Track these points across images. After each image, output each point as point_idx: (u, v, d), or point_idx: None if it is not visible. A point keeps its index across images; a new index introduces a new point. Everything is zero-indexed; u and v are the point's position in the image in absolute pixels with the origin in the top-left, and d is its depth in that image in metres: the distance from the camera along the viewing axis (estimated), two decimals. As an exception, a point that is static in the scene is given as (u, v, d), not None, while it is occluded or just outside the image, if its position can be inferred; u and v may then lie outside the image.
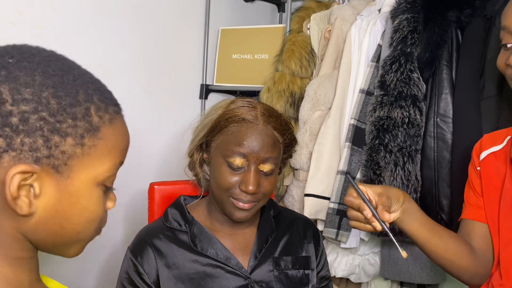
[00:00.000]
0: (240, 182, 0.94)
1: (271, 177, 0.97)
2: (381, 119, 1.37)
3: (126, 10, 1.67)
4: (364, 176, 1.41)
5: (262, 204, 1.00)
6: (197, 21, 1.96)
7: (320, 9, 1.75)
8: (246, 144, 0.93)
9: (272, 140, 0.96)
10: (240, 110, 0.97)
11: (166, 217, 1.04)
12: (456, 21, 1.34)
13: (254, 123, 0.95)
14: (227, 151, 0.95)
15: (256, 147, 0.94)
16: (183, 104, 1.93)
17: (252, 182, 0.93)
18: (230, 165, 0.94)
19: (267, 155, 0.95)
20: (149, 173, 1.79)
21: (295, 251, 1.06)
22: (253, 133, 0.94)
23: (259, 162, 0.95)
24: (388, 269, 1.46)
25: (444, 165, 1.33)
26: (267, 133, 0.95)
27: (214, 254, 0.98)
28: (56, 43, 1.46)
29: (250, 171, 0.94)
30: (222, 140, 0.96)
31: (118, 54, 1.65)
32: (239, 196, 0.95)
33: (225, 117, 0.96)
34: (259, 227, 1.05)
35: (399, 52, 1.37)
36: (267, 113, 0.98)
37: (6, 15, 1.34)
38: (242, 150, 0.93)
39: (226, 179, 0.94)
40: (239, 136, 0.94)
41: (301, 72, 1.66)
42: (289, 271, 1.02)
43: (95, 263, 1.66)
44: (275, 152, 0.97)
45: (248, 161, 0.94)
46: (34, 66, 0.51)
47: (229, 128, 0.96)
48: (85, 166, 0.53)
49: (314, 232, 1.12)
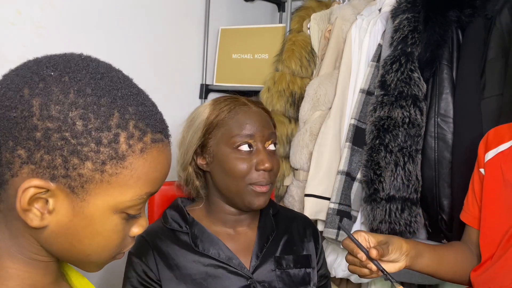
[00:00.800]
0: (256, 164, 0.95)
1: (276, 156, 1.00)
2: (381, 119, 1.37)
3: (126, 10, 1.66)
4: (365, 176, 1.41)
5: (272, 189, 1.01)
6: (197, 21, 1.96)
7: (320, 9, 1.75)
8: (249, 125, 0.96)
9: (267, 118, 1.01)
10: (228, 101, 1.00)
11: (166, 219, 1.03)
12: (457, 20, 1.34)
13: (248, 106, 0.99)
14: (232, 138, 0.95)
15: (259, 126, 0.96)
16: (183, 104, 1.93)
17: (267, 158, 0.95)
18: (239, 151, 0.95)
19: (269, 131, 0.98)
20: (149, 173, 1.79)
21: (296, 249, 1.05)
22: (251, 115, 0.97)
23: (265, 140, 0.97)
24: (388, 269, 1.45)
25: (445, 165, 1.33)
26: (261, 113, 1.00)
27: (216, 254, 0.97)
28: (56, 43, 1.46)
29: (260, 150, 0.96)
30: (223, 133, 0.97)
31: (118, 54, 1.65)
32: (258, 178, 0.95)
33: (216, 112, 0.98)
34: (259, 227, 1.05)
35: (399, 52, 1.36)
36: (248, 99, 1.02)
37: (6, 15, 1.34)
38: (248, 132, 0.95)
39: (240, 166, 0.95)
40: (240, 121, 0.96)
41: (301, 72, 1.66)
42: (291, 270, 1.02)
43: (95, 263, 1.66)
44: (273, 128, 1.01)
45: (255, 141, 0.96)
46: (72, 83, 0.51)
47: (225, 119, 0.97)
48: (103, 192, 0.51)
49: (313, 230, 1.12)
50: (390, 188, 1.36)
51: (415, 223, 1.36)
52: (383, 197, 1.37)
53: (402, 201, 1.35)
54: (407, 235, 1.36)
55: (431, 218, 1.38)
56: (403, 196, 1.35)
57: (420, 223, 1.38)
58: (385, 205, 1.36)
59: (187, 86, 1.95)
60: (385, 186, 1.36)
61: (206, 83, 1.99)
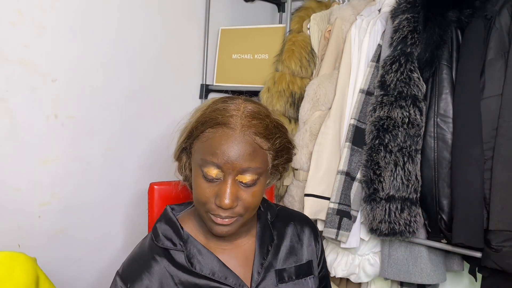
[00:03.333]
0: (215, 197, 0.84)
1: (253, 189, 0.85)
2: (381, 119, 1.37)
3: (126, 10, 1.67)
4: (364, 176, 1.41)
5: (247, 218, 0.88)
6: (197, 21, 1.96)
7: (320, 9, 1.75)
8: (220, 153, 0.82)
9: (252, 148, 0.84)
10: (217, 113, 0.85)
11: (157, 236, 0.94)
12: (456, 21, 1.34)
13: (231, 129, 0.83)
14: (201, 160, 0.84)
15: (232, 157, 0.82)
16: (183, 104, 1.93)
17: (227, 195, 0.82)
18: (205, 176, 0.84)
19: (245, 165, 0.83)
20: (149, 173, 1.79)
21: (296, 258, 1.00)
22: (228, 140, 0.83)
23: (236, 173, 0.83)
24: (388, 269, 1.46)
25: (444, 165, 1.33)
26: (245, 141, 0.83)
27: (210, 274, 0.90)
28: (56, 43, 1.46)
29: (226, 184, 0.83)
30: (198, 147, 0.86)
31: (118, 54, 1.65)
32: (216, 211, 0.84)
33: (202, 121, 0.86)
34: (258, 238, 0.97)
35: (399, 52, 1.37)
36: (250, 115, 0.86)
37: (6, 15, 1.34)
38: (216, 160, 0.82)
39: (201, 192, 0.85)
40: (213, 144, 0.83)
41: (301, 72, 1.66)
42: (293, 282, 0.97)
43: (95, 262, 1.66)
44: (256, 161, 0.84)
45: (224, 172, 0.83)
46: None
47: (205, 133, 0.85)
48: None
49: (312, 230, 1.06)
50: (389, 188, 1.36)
51: (414, 223, 1.36)
52: (382, 197, 1.37)
53: (402, 201, 1.35)
54: (406, 235, 1.36)
55: (431, 218, 1.38)
56: (403, 196, 1.35)
57: (419, 223, 1.38)
58: (385, 205, 1.36)
59: (187, 86, 1.96)
60: (385, 186, 1.36)
61: (206, 83, 2.00)
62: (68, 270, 1.57)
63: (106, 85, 1.63)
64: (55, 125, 1.49)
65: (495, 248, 1.24)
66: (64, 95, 1.50)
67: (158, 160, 1.83)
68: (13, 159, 1.40)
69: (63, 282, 1.56)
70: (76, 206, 1.58)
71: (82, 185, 1.59)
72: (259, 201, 0.89)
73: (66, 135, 1.52)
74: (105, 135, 1.64)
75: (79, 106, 1.55)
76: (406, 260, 1.44)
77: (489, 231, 1.26)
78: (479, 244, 1.27)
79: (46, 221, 1.50)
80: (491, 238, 1.25)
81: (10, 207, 1.41)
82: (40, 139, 1.46)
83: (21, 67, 1.39)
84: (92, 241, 1.64)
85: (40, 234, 1.49)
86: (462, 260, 1.44)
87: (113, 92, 1.65)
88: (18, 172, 1.42)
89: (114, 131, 1.67)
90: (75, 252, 1.59)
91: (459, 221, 1.28)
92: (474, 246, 1.28)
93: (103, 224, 1.67)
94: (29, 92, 1.42)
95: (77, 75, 1.54)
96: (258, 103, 0.91)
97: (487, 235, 1.27)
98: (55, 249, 1.53)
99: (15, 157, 1.40)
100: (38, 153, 1.46)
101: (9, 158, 1.39)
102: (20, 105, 1.40)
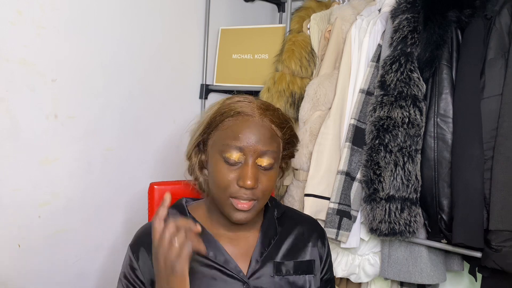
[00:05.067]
0: (238, 178, 0.90)
1: (270, 173, 0.93)
2: (381, 119, 1.37)
3: (126, 10, 1.67)
4: (364, 176, 1.41)
5: (262, 204, 0.95)
6: (197, 21, 1.96)
7: (320, 9, 1.75)
8: (242, 137, 0.90)
9: (270, 133, 0.92)
10: (236, 105, 0.94)
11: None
12: (456, 21, 1.34)
13: (250, 116, 0.92)
14: (223, 146, 0.91)
15: (253, 140, 0.90)
16: (183, 104, 1.93)
17: (250, 176, 0.89)
18: (227, 161, 0.90)
19: (264, 148, 0.91)
20: (149, 173, 1.79)
21: (298, 255, 1.02)
22: (249, 125, 0.91)
23: (257, 156, 0.90)
24: (388, 269, 1.46)
25: (444, 165, 1.33)
26: (264, 126, 0.92)
27: (212, 256, 0.96)
28: (56, 43, 1.46)
29: (248, 165, 0.90)
30: (218, 136, 0.93)
31: (118, 54, 1.65)
32: (238, 193, 0.90)
33: (221, 112, 0.94)
34: (262, 230, 1.02)
35: (399, 52, 1.37)
36: (264, 106, 0.95)
37: (6, 15, 1.34)
38: (238, 144, 0.90)
39: (223, 176, 0.90)
40: (235, 130, 0.91)
41: (301, 72, 1.66)
42: (291, 276, 0.99)
43: (95, 262, 1.66)
44: (273, 145, 0.93)
45: (245, 155, 0.90)
46: None
47: (225, 122, 0.92)
48: None
49: (320, 233, 1.08)
50: (389, 188, 1.36)
51: (414, 222, 1.36)
52: (382, 197, 1.37)
53: (402, 201, 1.35)
54: (406, 235, 1.36)
55: (431, 218, 1.38)
56: (403, 196, 1.35)
57: (419, 223, 1.38)
58: (385, 205, 1.36)
59: (187, 86, 1.96)
60: (385, 186, 1.36)
61: (206, 83, 2.00)
62: (68, 270, 1.57)
63: (106, 85, 1.63)
64: (55, 125, 1.49)
65: (495, 248, 1.24)
66: (64, 95, 1.50)
67: (158, 160, 1.83)
68: (13, 159, 1.40)
69: (63, 282, 1.56)
70: (76, 206, 1.57)
71: (82, 185, 1.59)
72: (273, 187, 0.95)
73: (66, 135, 1.52)
74: (105, 135, 1.64)
75: (79, 106, 1.55)
76: (406, 260, 1.44)
77: (489, 231, 1.26)
78: (479, 244, 1.27)
79: (46, 221, 1.50)
80: (491, 238, 1.25)
81: (10, 207, 1.41)
82: (40, 139, 1.46)
83: (21, 67, 1.39)
84: (92, 241, 1.64)
85: (40, 234, 1.49)
86: (462, 260, 1.44)
87: (113, 92, 1.65)
88: (18, 172, 1.42)
89: (114, 131, 1.67)
90: (75, 252, 1.59)
91: (459, 221, 1.28)
92: (474, 246, 1.28)
93: (103, 224, 1.67)
94: (29, 92, 1.42)
95: (77, 75, 1.53)
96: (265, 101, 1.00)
97: (487, 235, 1.27)
98: (55, 249, 1.53)
99: (15, 157, 1.40)
100: (38, 153, 1.46)
101: (9, 158, 1.39)
102: (20, 105, 1.40)
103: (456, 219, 1.29)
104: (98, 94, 1.60)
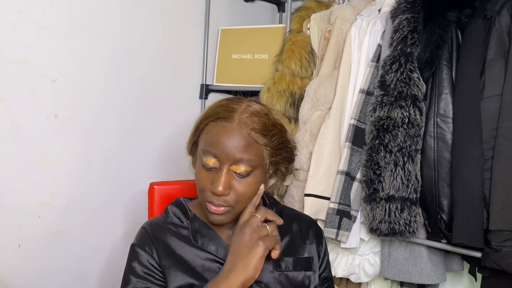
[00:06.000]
0: (211, 183, 0.93)
1: (247, 180, 0.93)
2: (381, 119, 1.37)
3: (126, 10, 1.67)
4: (364, 176, 1.41)
5: (239, 210, 0.96)
6: (197, 21, 1.96)
7: (320, 9, 1.75)
8: (217, 143, 0.91)
9: (246, 141, 0.92)
10: (220, 109, 0.95)
11: (167, 213, 1.04)
12: (456, 21, 1.34)
13: (229, 123, 0.93)
14: (202, 150, 0.94)
15: (228, 147, 0.91)
16: (183, 104, 1.93)
17: (220, 182, 0.90)
18: (204, 165, 0.93)
19: (239, 156, 0.91)
20: (149, 173, 1.79)
21: (296, 251, 1.04)
22: (225, 132, 0.92)
23: (231, 163, 0.92)
24: (388, 269, 1.46)
25: (444, 165, 1.33)
26: (242, 134, 0.92)
27: (214, 250, 0.98)
28: (56, 43, 1.46)
29: (221, 172, 0.92)
30: (201, 139, 0.96)
31: (118, 54, 1.65)
32: (211, 199, 0.93)
33: (206, 116, 0.97)
34: None
35: (399, 52, 1.37)
36: (249, 113, 0.94)
37: (6, 15, 1.34)
38: (213, 150, 0.92)
39: (200, 181, 0.94)
40: (212, 136, 0.93)
41: (301, 72, 1.66)
42: (290, 272, 1.01)
43: (95, 262, 1.66)
44: (250, 154, 0.92)
45: (220, 161, 0.92)
46: None
47: (208, 127, 0.95)
48: None
49: (316, 232, 1.10)
50: (389, 188, 1.36)
51: (414, 222, 1.36)
52: (382, 197, 1.37)
53: (402, 201, 1.35)
54: (406, 235, 1.36)
55: (431, 218, 1.38)
56: (403, 196, 1.35)
57: (419, 223, 1.38)
58: (385, 205, 1.36)
59: (187, 86, 1.96)
60: (385, 186, 1.36)
61: (206, 83, 2.00)
62: (68, 270, 1.57)
63: (106, 85, 1.63)
64: (55, 125, 1.49)
65: (495, 248, 1.24)
66: (64, 95, 1.50)
67: (158, 160, 1.83)
68: (13, 159, 1.40)
69: (63, 282, 1.56)
70: (76, 206, 1.58)
71: (82, 185, 1.59)
72: (251, 194, 0.96)
73: (66, 135, 1.52)
74: (105, 135, 1.64)
75: (79, 106, 1.55)
76: (406, 260, 1.44)
77: (489, 231, 1.26)
78: (479, 244, 1.27)
79: (46, 221, 1.50)
80: (491, 238, 1.25)
81: (10, 207, 1.41)
82: (40, 139, 1.46)
83: (21, 67, 1.39)
84: (92, 241, 1.64)
85: (40, 234, 1.49)
86: (462, 260, 1.44)
87: (113, 92, 1.65)
88: (18, 172, 1.42)
89: (114, 131, 1.67)
90: (75, 252, 1.59)
91: (459, 221, 1.28)
92: (474, 246, 1.28)
93: (103, 224, 1.67)
94: (29, 92, 1.42)
95: (77, 75, 1.54)
96: (262, 104, 1.00)
97: (487, 235, 1.27)
98: (55, 249, 1.53)
99: (15, 157, 1.40)
100: (38, 153, 1.46)
101: (9, 158, 1.39)
102: (20, 105, 1.40)
103: (456, 219, 1.29)
104: (98, 94, 1.60)
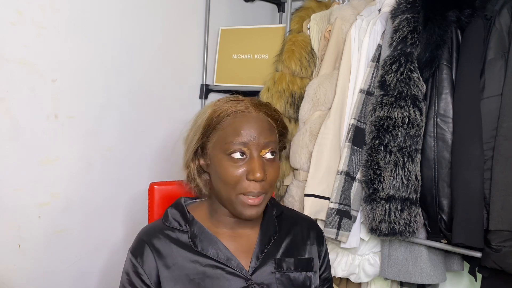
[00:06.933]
0: (247, 173, 0.92)
1: (275, 163, 0.96)
2: (381, 119, 1.37)
3: (126, 10, 1.67)
4: (364, 176, 1.41)
5: (270, 196, 0.98)
6: (197, 21, 1.96)
7: (320, 9, 1.75)
8: (244, 132, 0.92)
9: (268, 125, 0.96)
10: (229, 104, 0.97)
11: (166, 217, 1.03)
12: (456, 21, 1.34)
13: (247, 112, 0.95)
14: (226, 144, 0.93)
15: (255, 133, 0.93)
16: (183, 104, 1.93)
17: (258, 168, 0.91)
18: (232, 158, 0.93)
19: (266, 140, 0.94)
20: (149, 173, 1.79)
21: (297, 252, 1.04)
22: (248, 121, 0.94)
23: (260, 148, 0.93)
24: (388, 269, 1.46)
25: (444, 165, 1.33)
26: (262, 119, 0.95)
27: (214, 255, 0.97)
28: (56, 43, 1.47)
29: (254, 158, 0.92)
30: (219, 136, 0.95)
31: (118, 54, 1.65)
32: (248, 188, 0.92)
33: (217, 114, 0.96)
34: (262, 228, 1.04)
35: (399, 52, 1.37)
36: (255, 102, 0.99)
37: (6, 15, 1.34)
38: (242, 139, 0.92)
39: (231, 174, 0.92)
40: (236, 127, 0.93)
41: (301, 72, 1.66)
42: (291, 273, 1.01)
43: (95, 262, 1.66)
44: (273, 136, 0.96)
45: (250, 149, 0.93)
46: None
47: (223, 123, 0.95)
48: None
49: (317, 233, 1.10)
50: (389, 188, 1.36)
51: (414, 222, 1.36)
52: (382, 197, 1.37)
53: (402, 201, 1.35)
54: (406, 235, 1.36)
55: (431, 218, 1.38)
56: (403, 196, 1.35)
57: (419, 223, 1.38)
58: (385, 205, 1.36)
59: (187, 86, 1.96)
60: (385, 186, 1.36)
61: (206, 83, 2.00)
62: (68, 270, 1.57)
63: (106, 85, 1.63)
64: (55, 125, 1.49)
65: (495, 248, 1.24)
66: (64, 95, 1.50)
67: (158, 160, 1.83)
68: (13, 159, 1.40)
69: (63, 282, 1.56)
70: (76, 206, 1.58)
71: (82, 185, 1.59)
72: (278, 177, 0.98)
73: (66, 135, 1.52)
74: (105, 135, 1.64)
75: (79, 106, 1.55)
76: (406, 260, 1.44)
77: (489, 231, 1.26)
78: (479, 244, 1.27)
79: (46, 221, 1.50)
80: (491, 238, 1.25)
81: (10, 207, 1.41)
82: (40, 139, 1.46)
83: (21, 67, 1.39)
84: (92, 241, 1.64)
85: (40, 234, 1.49)
86: (462, 260, 1.44)
87: (113, 92, 1.65)
88: (18, 172, 1.42)
89: (114, 131, 1.67)
90: (75, 252, 1.59)
91: (459, 221, 1.28)
92: (474, 246, 1.28)
93: (103, 224, 1.67)
94: (29, 92, 1.42)
95: (77, 75, 1.54)
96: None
97: (487, 235, 1.27)
98: (55, 249, 1.53)
99: (15, 157, 1.40)
100: (38, 153, 1.46)
101: (9, 158, 1.39)
102: (20, 105, 1.40)
103: (456, 219, 1.29)
104: (98, 94, 1.60)
